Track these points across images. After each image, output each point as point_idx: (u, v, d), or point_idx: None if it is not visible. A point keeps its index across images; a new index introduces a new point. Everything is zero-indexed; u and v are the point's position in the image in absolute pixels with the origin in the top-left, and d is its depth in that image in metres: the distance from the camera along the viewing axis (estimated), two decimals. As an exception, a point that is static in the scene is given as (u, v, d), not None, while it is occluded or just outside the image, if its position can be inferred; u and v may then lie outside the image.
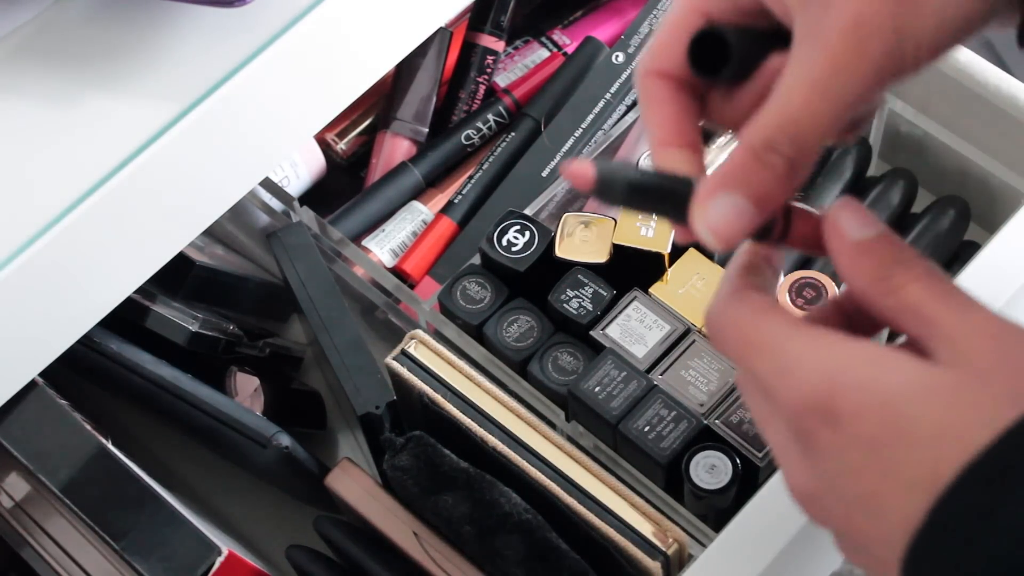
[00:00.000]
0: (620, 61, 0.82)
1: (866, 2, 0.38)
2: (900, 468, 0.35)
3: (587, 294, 0.69)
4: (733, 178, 0.40)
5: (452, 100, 0.87)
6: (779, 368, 0.39)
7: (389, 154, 0.86)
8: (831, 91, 0.39)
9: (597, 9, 0.93)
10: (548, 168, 0.81)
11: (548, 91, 0.84)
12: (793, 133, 0.39)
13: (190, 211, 0.64)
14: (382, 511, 0.65)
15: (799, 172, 0.40)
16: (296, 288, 0.71)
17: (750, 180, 0.40)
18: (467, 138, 0.85)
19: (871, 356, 0.37)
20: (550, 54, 0.90)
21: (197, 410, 0.69)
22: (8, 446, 0.65)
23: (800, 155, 0.40)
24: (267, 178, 0.78)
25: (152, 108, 0.61)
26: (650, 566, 0.59)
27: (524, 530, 0.61)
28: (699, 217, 0.40)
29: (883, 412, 0.36)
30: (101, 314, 0.63)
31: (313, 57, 0.64)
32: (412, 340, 0.66)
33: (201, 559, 0.62)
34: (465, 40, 0.87)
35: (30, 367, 0.63)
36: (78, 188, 0.59)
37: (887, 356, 0.37)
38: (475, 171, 0.83)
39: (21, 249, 0.58)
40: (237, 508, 0.81)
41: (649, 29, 0.82)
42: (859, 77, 0.39)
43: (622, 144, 0.80)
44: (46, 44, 0.63)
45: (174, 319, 0.73)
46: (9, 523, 0.70)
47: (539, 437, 0.63)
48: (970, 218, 0.79)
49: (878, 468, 0.36)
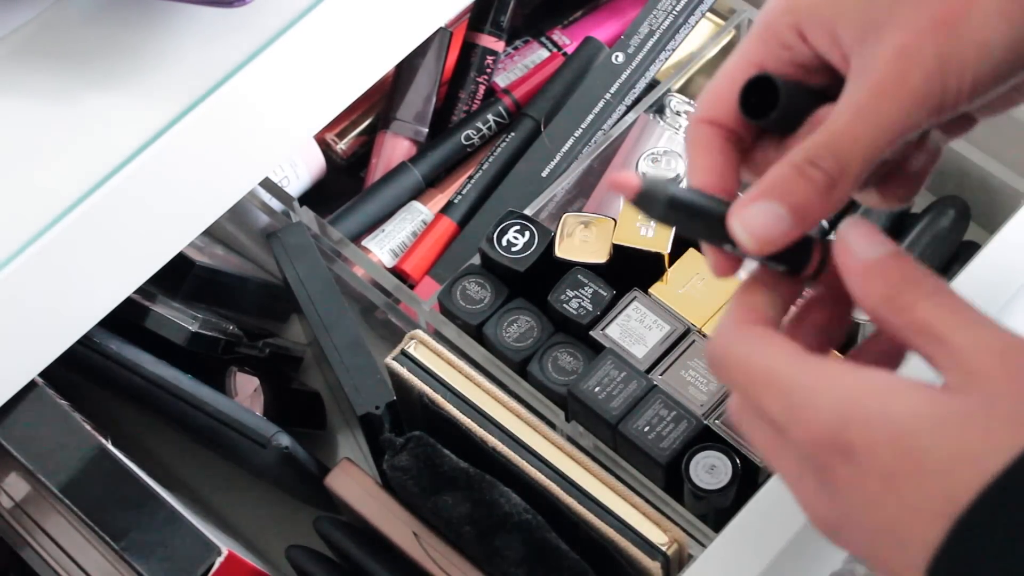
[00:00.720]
0: (620, 61, 0.82)
1: (912, 33, 0.40)
2: (917, 498, 0.36)
3: (587, 294, 0.69)
4: (773, 188, 0.41)
5: (452, 100, 0.87)
6: (789, 404, 0.39)
7: (389, 154, 0.86)
8: (872, 115, 0.41)
9: (597, 9, 0.93)
10: (548, 168, 0.81)
11: (548, 91, 0.84)
12: (835, 150, 0.41)
13: (190, 211, 0.64)
14: (382, 511, 0.65)
15: (838, 190, 0.41)
16: (296, 288, 0.71)
17: (790, 191, 0.41)
18: (467, 138, 0.85)
19: (881, 387, 0.38)
20: (550, 54, 0.90)
21: (197, 410, 0.69)
22: (8, 446, 0.65)
23: (840, 172, 0.41)
24: (267, 178, 0.79)
25: (152, 108, 0.61)
26: (650, 566, 0.59)
27: (524, 530, 0.61)
28: (736, 217, 0.41)
29: (897, 444, 0.36)
30: (101, 314, 0.63)
31: (313, 57, 0.64)
32: (412, 340, 0.66)
33: (201, 559, 0.62)
34: (465, 40, 0.87)
35: (30, 367, 0.63)
36: (78, 188, 0.59)
37: (897, 386, 0.38)
38: (475, 171, 0.83)
39: (21, 249, 0.58)
40: (237, 508, 0.81)
41: (649, 29, 0.82)
42: (899, 103, 0.40)
43: (622, 144, 0.80)
44: (46, 44, 0.63)
45: (174, 319, 0.73)
46: (9, 523, 0.70)
47: (539, 437, 0.63)
48: (970, 218, 0.79)
49: (896, 500, 0.36)
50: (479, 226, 0.81)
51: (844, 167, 0.41)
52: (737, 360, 0.41)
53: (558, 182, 0.78)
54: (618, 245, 0.70)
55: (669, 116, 0.80)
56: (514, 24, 0.89)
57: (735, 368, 0.41)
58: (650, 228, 0.69)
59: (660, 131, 0.80)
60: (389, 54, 0.69)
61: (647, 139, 0.80)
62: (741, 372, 0.41)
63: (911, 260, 0.40)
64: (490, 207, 0.81)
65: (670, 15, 0.81)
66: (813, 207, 0.41)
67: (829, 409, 0.38)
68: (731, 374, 0.41)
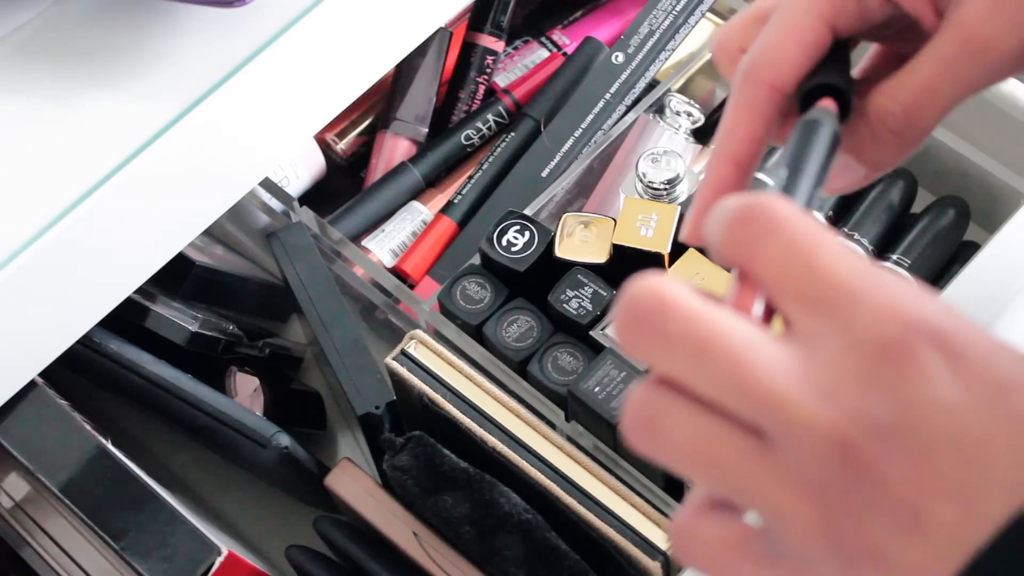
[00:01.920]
0: (620, 61, 0.82)
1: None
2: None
3: (587, 294, 0.69)
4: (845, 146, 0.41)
5: (452, 100, 0.87)
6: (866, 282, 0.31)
7: (389, 154, 0.86)
8: (955, 70, 0.39)
9: (597, 9, 0.93)
10: (548, 168, 0.81)
11: (548, 91, 0.84)
12: (909, 106, 0.40)
13: (190, 211, 0.64)
14: (382, 511, 0.65)
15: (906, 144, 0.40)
16: (296, 288, 0.71)
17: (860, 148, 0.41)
18: (467, 138, 0.85)
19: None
20: (550, 54, 0.90)
21: (197, 410, 0.69)
22: (8, 446, 0.65)
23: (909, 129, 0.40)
24: (267, 178, 0.78)
25: (152, 108, 0.61)
26: (650, 566, 0.59)
27: (524, 530, 0.61)
28: None
29: (1016, 359, 0.30)
30: (101, 314, 0.63)
31: (313, 57, 0.64)
32: (412, 340, 0.66)
33: (201, 559, 0.62)
34: (465, 40, 0.87)
35: (30, 367, 0.63)
36: (78, 188, 0.59)
37: None
38: (475, 171, 0.83)
39: (21, 249, 0.58)
40: (237, 508, 0.81)
41: (649, 29, 0.82)
42: (986, 59, 0.39)
43: (622, 144, 0.80)
44: (46, 44, 0.63)
45: (174, 319, 0.73)
46: (9, 523, 0.70)
47: (539, 437, 0.63)
48: (970, 218, 0.79)
49: (1002, 413, 0.29)
50: (479, 226, 0.81)
51: (914, 123, 0.39)
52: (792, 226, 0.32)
53: (558, 182, 0.78)
54: (618, 245, 0.70)
55: (669, 116, 0.80)
56: (514, 24, 0.89)
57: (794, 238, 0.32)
58: (650, 228, 0.69)
59: (660, 131, 0.80)
60: (389, 54, 0.69)
61: (647, 139, 0.80)
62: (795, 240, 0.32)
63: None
64: (490, 207, 0.81)
65: (670, 15, 0.81)
66: (887, 155, 0.40)
67: (933, 301, 0.31)
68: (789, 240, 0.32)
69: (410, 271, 0.81)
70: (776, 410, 0.30)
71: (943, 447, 0.29)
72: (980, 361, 0.30)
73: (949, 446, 0.29)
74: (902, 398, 0.30)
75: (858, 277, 0.31)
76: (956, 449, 0.29)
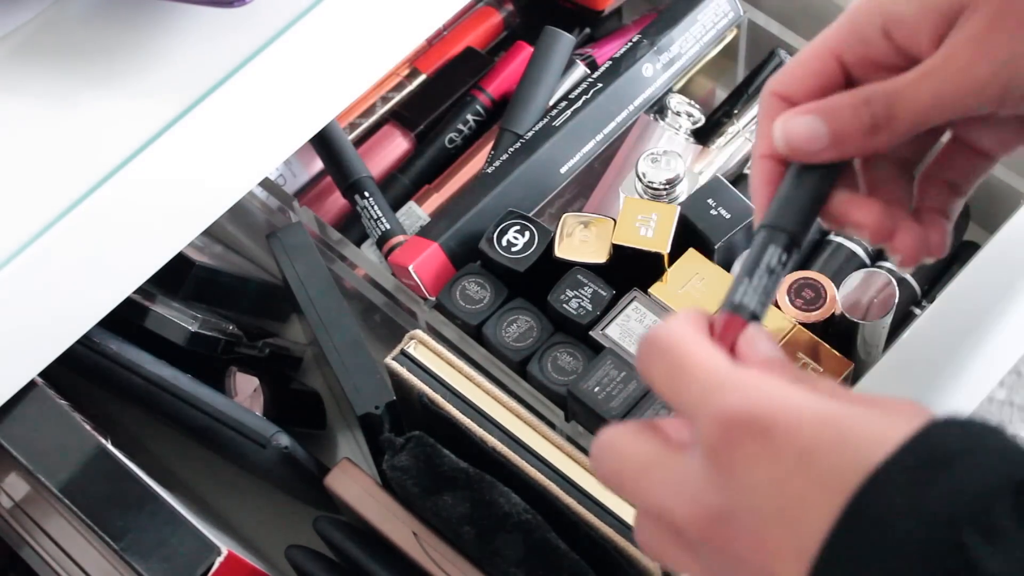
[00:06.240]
0: (650, 74, 0.80)
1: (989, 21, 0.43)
2: (831, 471, 0.35)
3: (586, 294, 0.69)
4: (825, 109, 0.46)
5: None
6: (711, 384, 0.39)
7: (388, 153, 0.86)
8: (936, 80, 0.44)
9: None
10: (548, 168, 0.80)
11: (520, 98, 0.82)
12: (891, 98, 0.45)
13: (190, 211, 0.64)
14: (382, 511, 0.65)
15: (880, 135, 0.45)
16: (296, 288, 0.71)
17: (838, 116, 0.45)
18: (450, 141, 0.85)
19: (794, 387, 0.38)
20: (512, 44, 0.88)
21: (197, 410, 0.69)
22: (8, 446, 0.65)
23: (887, 120, 0.45)
24: (267, 178, 0.78)
25: (152, 108, 0.61)
26: (650, 566, 0.59)
27: (524, 530, 0.61)
28: (782, 119, 0.46)
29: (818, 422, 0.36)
30: (101, 314, 0.63)
31: (313, 57, 0.64)
32: (412, 340, 0.66)
33: (201, 559, 0.62)
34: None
35: (30, 367, 0.63)
36: (78, 188, 0.59)
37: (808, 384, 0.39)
38: (470, 186, 0.81)
39: (21, 248, 0.58)
40: (237, 508, 0.81)
41: (679, 51, 0.80)
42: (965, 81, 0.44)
43: (622, 144, 0.80)
44: (46, 44, 0.63)
45: (174, 319, 0.73)
46: (9, 523, 0.70)
47: (539, 437, 0.63)
48: (970, 218, 0.79)
49: (810, 474, 0.36)
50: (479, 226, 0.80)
51: (893, 116, 0.45)
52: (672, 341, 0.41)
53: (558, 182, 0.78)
54: (618, 245, 0.70)
55: (669, 116, 0.80)
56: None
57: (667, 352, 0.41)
58: (650, 228, 0.69)
59: (660, 131, 0.80)
60: (389, 54, 0.69)
61: (647, 139, 0.80)
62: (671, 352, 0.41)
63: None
64: (490, 207, 0.81)
65: (698, 43, 0.81)
66: (852, 139, 0.45)
67: (756, 388, 0.38)
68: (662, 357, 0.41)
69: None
70: (667, 515, 0.39)
71: (773, 516, 0.36)
72: (785, 435, 0.36)
73: (779, 515, 0.36)
74: (735, 486, 0.37)
75: (705, 389, 0.39)
76: (782, 514, 0.36)
